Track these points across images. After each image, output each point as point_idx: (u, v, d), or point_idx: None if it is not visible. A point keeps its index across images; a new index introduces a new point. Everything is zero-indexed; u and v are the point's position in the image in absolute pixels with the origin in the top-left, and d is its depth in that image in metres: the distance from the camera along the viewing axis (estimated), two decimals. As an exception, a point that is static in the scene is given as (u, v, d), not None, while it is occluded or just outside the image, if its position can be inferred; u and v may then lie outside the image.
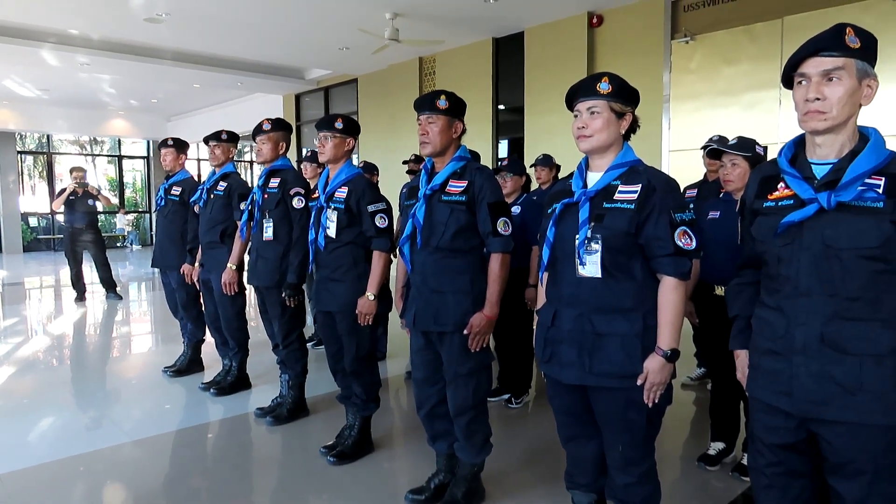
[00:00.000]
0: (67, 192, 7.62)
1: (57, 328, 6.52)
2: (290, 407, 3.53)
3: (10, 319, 7.13)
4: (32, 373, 4.74)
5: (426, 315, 2.36)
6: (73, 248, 7.77)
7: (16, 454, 3.15)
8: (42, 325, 6.75)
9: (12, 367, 4.84)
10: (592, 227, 1.79)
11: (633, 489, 1.90)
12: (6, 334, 6.16)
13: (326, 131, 2.92)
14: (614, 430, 1.86)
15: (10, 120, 14.29)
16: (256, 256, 3.46)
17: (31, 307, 8.02)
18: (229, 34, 8.33)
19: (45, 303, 8.39)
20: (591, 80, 1.83)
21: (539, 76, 7.94)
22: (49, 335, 6.18)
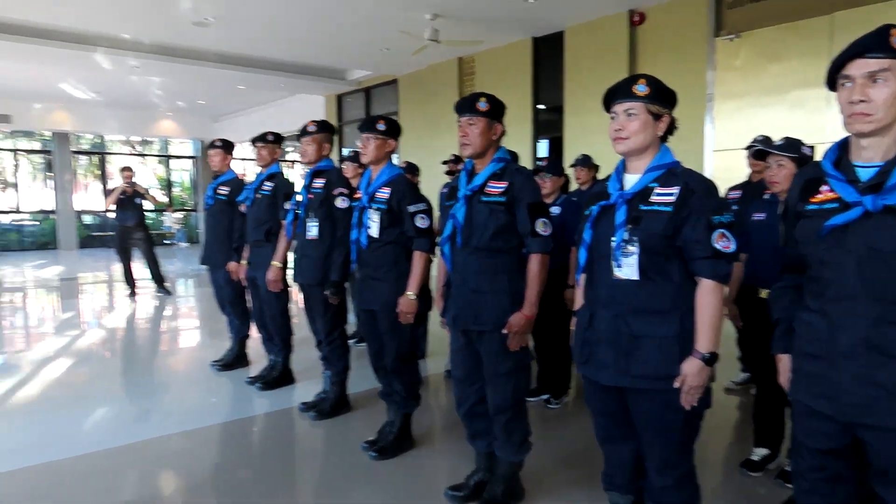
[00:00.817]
0: (118, 192, 7.89)
1: (109, 322, 6.78)
2: (333, 402, 3.62)
3: (66, 313, 7.45)
4: (86, 365, 4.96)
5: (466, 314, 2.40)
6: (123, 246, 8.02)
7: (71, 442, 3.31)
8: (95, 319, 7.03)
9: (68, 359, 5.07)
10: (629, 230, 1.79)
11: (671, 492, 1.90)
12: (62, 328, 6.44)
13: (369, 133, 2.98)
14: (651, 433, 1.87)
15: (66, 121, 14.90)
16: (301, 255, 3.55)
17: (84, 302, 8.36)
18: (273, 37, 8.52)
19: (97, 298, 8.73)
20: (628, 82, 1.83)
21: (579, 75, 7.89)
22: (102, 329, 6.45)
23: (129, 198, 7.88)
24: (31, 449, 3.20)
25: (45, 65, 10.00)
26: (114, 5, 7.02)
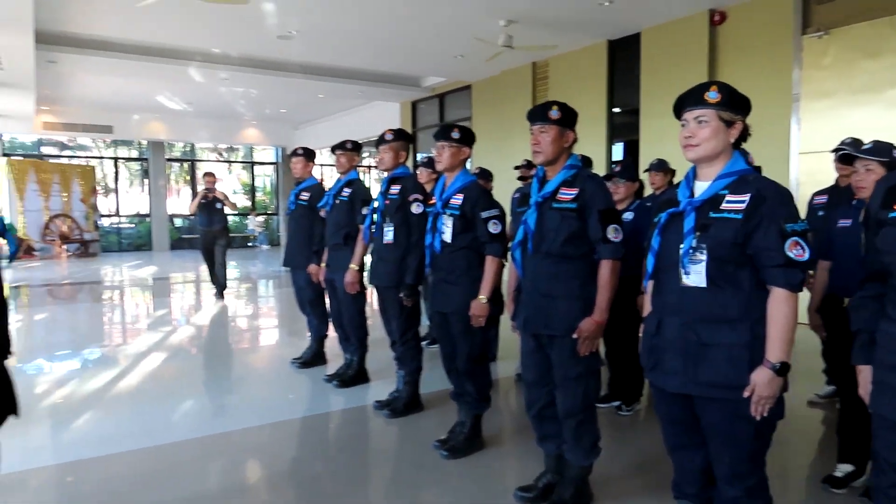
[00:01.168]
0: (199, 197, 8.22)
1: (197, 320, 7.22)
2: (406, 401, 3.73)
3: (158, 311, 7.99)
4: (177, 360, 5.31)
5: (536, 318, 2.44)
6: (206, 249, 8.32)
7: (164, 430, 3.58)
8: (184, 316, 7.49)
9: (160, 353, 5.44)
10: (698, 237, 1.79)
11: (741, 503, 1.88)
12: (155, 324, 6.91)
13: (444, 141, 3.08)
14: (720, 442, 1.85)
15: (161, 131, 15.93)
16: (377, 258, 3.69)
17: (174, 300, 8.91)
18: (352, 47, 8.82)
19: (187, 297, 9.29)
20: (699, 89, 1.83)
21: (656, 78, 7.74)
22: (191, 326, 6.87)
23: (210, 202, 8.15)
24: (130, 435, 3.48)
25: (144, 79, 10.77)
26: (206, 23, 7.48)
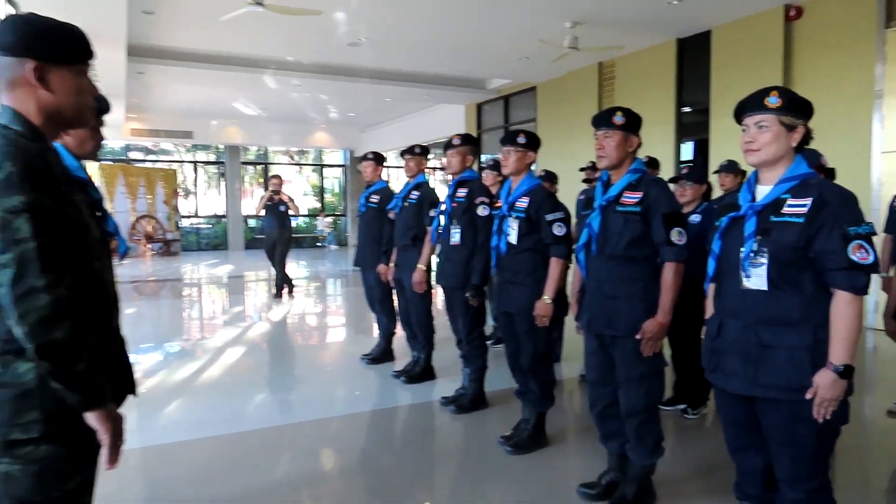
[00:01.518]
0: (265, 199, 8.45)
1: (270, 316, 7.56)
2: (471, 398, 3.84)
3: (234, 307, 8.41)
4: (252, 354, 5.61)
5: (600, 319, 2.50)
6: (270, 249, 8.47)
7: (242, 419, 3.83)
8: (258, 313, 7.86)
9: (237, 347, 5.76)
10: (759, 241, 1.81)
11: (803, 506, 1.88)
12: (232, 320, 7.29)
13: (510, 146, 3.17)
14: (781, 444, 1.86)
15: (237, 136, 16.67)
16: (444, 259, 3.81)
17: (249, 297, 9.34)
18: (419, 52, 9.02)
19: (260, 294, 9.71)
20: (759, 95, 1.85)
21: (728, 76, 7.56)
22: (264, 322, 7.21)
23: (275, 205, 8.35)
24: (211, 423, 3.74)
25: (222, 87, 11.33)
26: (281, 33, 7.83)
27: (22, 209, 1.24)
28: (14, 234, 1.23)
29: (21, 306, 1.23)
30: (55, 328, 1.25)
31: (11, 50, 1.33)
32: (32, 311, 1.24)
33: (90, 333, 1.33)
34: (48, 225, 1.27)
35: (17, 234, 1.23)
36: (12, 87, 1.36)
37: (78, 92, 1.42)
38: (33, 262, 1.24)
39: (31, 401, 1.33)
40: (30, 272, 1.24)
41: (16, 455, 1.35)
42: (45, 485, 1.37)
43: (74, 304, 1.29)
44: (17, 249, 1.23)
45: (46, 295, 1.24)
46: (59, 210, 1.31)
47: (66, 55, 1.38)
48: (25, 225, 1.24)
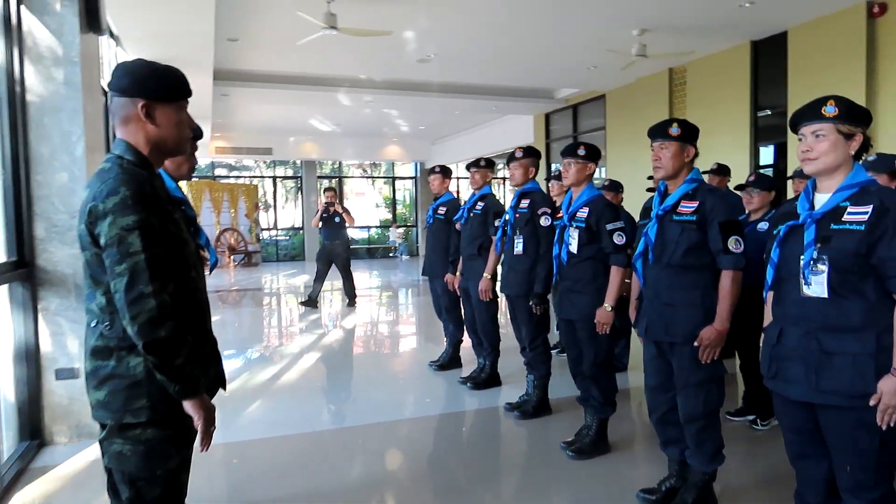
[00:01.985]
0: (321, 212, 8.71)
1: (344, 324, 7.87)
2: (535, 404, 3.92)
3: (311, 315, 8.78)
4: (326, 359, 5.89)
5: (657, 326, 2.54)
6: (325, 261, 8.66)
7: (311, 420, 4.06)
8: (333, 321, 8.18)
9: (313, 353, 6.05)
10: (819, 249, 1.82)
11: (866, 515, 1.86)
12: (308, 328, 7.64)
13: (570, 158, 3.25)
14: (843, 451, 1.85)
15: (313, 151, 17.37)
16: (508, 268, 3.92)
17: (323, 306, 9.72)
18: (487, 65, 9.17)
19: (334, 303, 10.09)
20: (816, 104, 1.86)
21: (806, 77, 7.29)
22: (338, 329, 7.52)
23: (330, 216, 8.59)
24: (289, 422, 3.99)
25: (299, 105, 11.89)
26: (354, 52, 8.18)
27: (134, 227, 1.47)
28: (128, 248, 1.46)
29: (133, 309, 1.46)
30: (160, 328, 1.47)
31: (125, 92, 1.58)
32: (142, 314, 1.46)
33: (188, 333, 1.54)
34: (155, 240, 1.50)
35: (130, 247, 1.46)
36: (125, 123, 1.60)
37: (178, 125, 1.65)
38: (143, 272, 1.46)
39: (140, 390, 1.55)
40: (140, 280, 1.46)
41: (127, 437, 1.58)
42: (150, 463, 1.59)
43: (176, 308, 1.51)
44: (130, 261, 1.46)
45: (153, 300, 1.46)
46: (164, 227, 1.54)
47: (169, 94, 1.61)
48: (137, 240, 1.47)
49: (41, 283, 3.49)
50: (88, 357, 1.59)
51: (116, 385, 1.55)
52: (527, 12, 6.83)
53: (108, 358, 1.56)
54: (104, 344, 1.56)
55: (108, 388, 1.55)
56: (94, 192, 1.50)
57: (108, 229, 1.47)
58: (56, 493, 3.01)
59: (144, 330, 1.47)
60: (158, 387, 1.55)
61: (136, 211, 1.48)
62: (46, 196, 3.48)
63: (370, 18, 6.72)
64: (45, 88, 3.44)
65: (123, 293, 1.46)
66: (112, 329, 1.55)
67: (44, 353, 3.52)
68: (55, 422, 3.55)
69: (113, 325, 1.55)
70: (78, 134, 3.48)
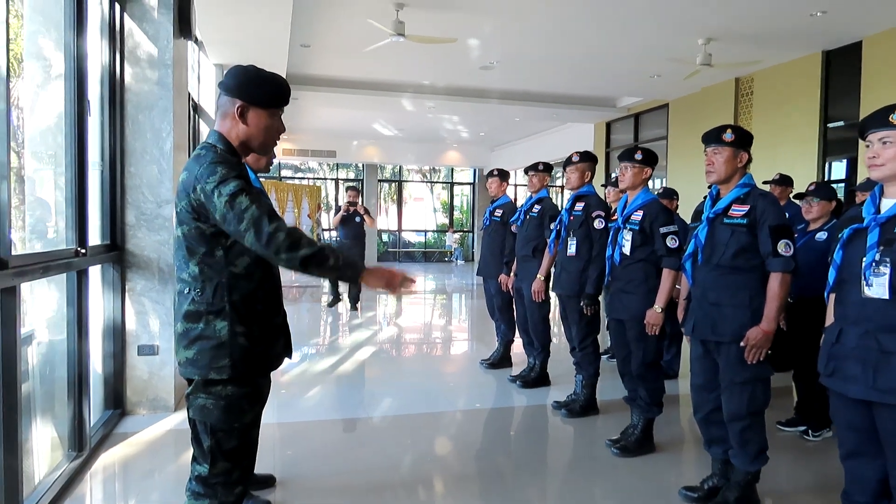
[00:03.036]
0: (343, 211, 8.64)
1: (400, 321, 8.10)
2: (583, 404, 4.00)
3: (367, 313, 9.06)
4: (380, 354, 6.13)
5: (704, 325, 2.60)
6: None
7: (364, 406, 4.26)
8: (386, 321, 8.41)
9: (367, 348, 6.28)
10: (881, 251, 1.87)
11: (916, 514, 1.89)
12: (365, 324, 7.90)
13: (627, 162, 3.34)
14: None
15: (375, 155, 17.81)
16: (561, 269, 4.02)
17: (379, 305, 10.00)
18: (548, 72, 9.26)
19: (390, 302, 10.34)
20: (885, 111, 1.91)
21: (880, 88, 7.06)
22: (393, 327, 7.75)
23: (350, 216, 8.56)
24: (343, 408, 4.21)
25: (364, 110, 12.27)
26: (419, 59, 8.43)
27: (238, 191, 1.69)
28: (241, 207, 1.67)
29: (271, 248, 1.66)
30: (300, 249, 1.68)
31: (229, 91, 1.81)
32: (281, 249, 1.66)
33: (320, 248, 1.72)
34: (257, 196, 1.72)
35: (242, 206, 1.67)
36: (224, 118, 1.83)
37: (266, 129, 1.87)
38: (261, 218, 1.67)
39: (224, 350, 1.77)
40: (263, 226, 1.66)
41: (210, 392, 1.80)
42: (229, 416, 1.80)
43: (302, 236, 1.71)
44: (247, 216, 1.67)
45: (281, 234, 1.67)
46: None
47: (264, 101, 1.83)
48: (245, 199, 1.68)
49: (129, 266, 3.82)
50: (180, 320, 1.81)
51: (204, 345, 1.77)
52: (589, 20, 6.91)
53: (198, 321, 1.78)
54: (195, 309, 1.78)
55: (197, 348, 1.77)
56: (194, 174, 1.73)
57: (218, 201, 1.68)
58: (135, 456, 3.30)
59: (291, 258, 1.67)
60: (240, 347, 1.76)
61: (235, 178, 1.70)
62: (137, 186, 3.81)
63: (436, 26, 6.94)
64: (140, 88, 3.78)
65: (257, 242, 1.66)
66: (203, 295, 1.77)
67: (128, 331, 3.85)
68: (135, 394, 3.88)
69: (203, 292, 1.77)
70: (167, 130, 3.81)
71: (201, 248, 1.76)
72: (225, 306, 1.76)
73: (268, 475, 2.88)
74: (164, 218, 3.84)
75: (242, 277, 1.79)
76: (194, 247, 1.77)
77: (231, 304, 1.77)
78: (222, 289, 1.77)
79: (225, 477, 1.82)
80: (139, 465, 3.20)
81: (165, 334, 3.88)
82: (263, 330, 1.84)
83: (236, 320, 1.77)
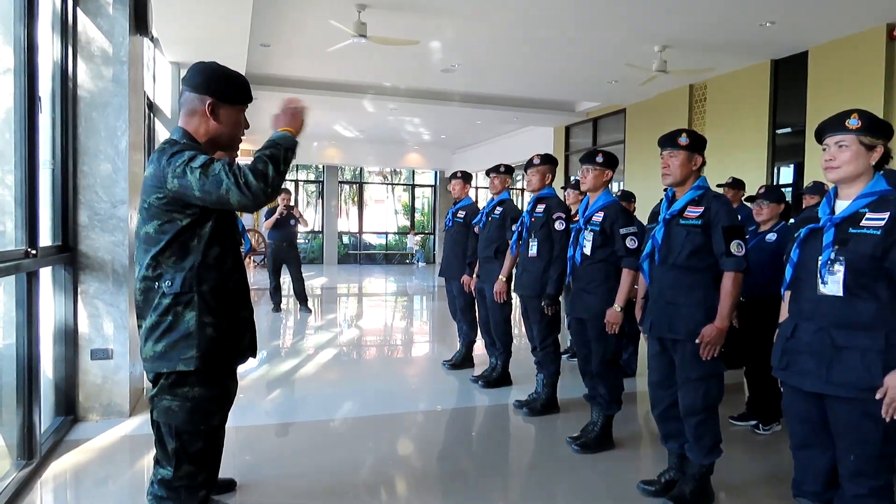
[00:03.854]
0: (276, 214, 8.42)
1: (361, 324, 8.05)
2: (544, 402, 4.05)
3: (328, 315, 8.98)
4: (341, 357, 6.08)
5: (661, 323, 2.68)
6: (275, 264, 8.44)
7: (324, 409, 4.23)
8: (350, 322, 8.37)
9: (328, 350, 6.24)
10: (836, 250, 1.96)
11: (864, 501, 1.98)
12: (325, 326, 7.83)
13: (588, 164, 3.41)
14: (847, 440, 1.97)
15: (336, 156, 17.67)
16: (522, 270, 4.08)
17: (340, 307, 9.93)
18: (509, 76, 9.37)
19: (351, 305, 10.29)
20: (841, 116, 2.01)
21: (825, 97, 7.38)
22: (355, 329, 7.70)
23: (285, 219, 8.41)
24: (303, 410, 4.17)
25: (325, 110, 12.16)
26: (380, 61, 8.42)
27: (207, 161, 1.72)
28: (215, 172, 1.69)
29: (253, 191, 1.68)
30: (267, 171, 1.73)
31: (196, 88, 1.79)
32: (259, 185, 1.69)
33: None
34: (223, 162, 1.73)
35: (215, 171, 1.69)
36: (191, 115, 1.82)
37: (236, 125, 1.87)
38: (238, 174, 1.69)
39: (191, 341, 1.76)
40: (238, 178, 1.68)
41: (176, 394, 1.77)
42: (196, 418, 1.78)
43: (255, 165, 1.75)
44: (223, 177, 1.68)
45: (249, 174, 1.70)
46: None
47: (234, 97, 1.83)
48: (217, 165, 1.70)
49: (82, 268, 3.71)
50: (150, 314, 1.79)
51: (172, 337, 1.76)
52: (549, 26, 7.02)
53: (167, 314, 1.76)
54: (166, 301, 1.77)
55: (166, 340, 1.76)
56: (161, 165, 1.71)
57: (192, 176, 1.69)
58: (88, 463, 3.20)
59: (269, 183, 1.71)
60: (207, 338, 1.76)
61: (201, 153, 1.73)
62: (91, 186, 3.71)
63: (399, 28, 6.95)
64: (94, 85, 3.68)
65: (242, 195, 1.68)
66: (172, 287, 1.76)
67: (81, 334, 3.73)
68: (88, 399, 3.76)
69: (173, 283, 1.75)
70: (122, 129, 3.72)
71: (174, 240, 1.76)
72: (194, 296, 1.77)
73: (228, 479, 2.83)
74: (119, 218, 3.74)
75: (212, 268, 1.80)
76: (166, 240, 1.76)
77: (200, 294, 1.77)
78: (191, 279, 1.77)
79: (189, 480, 1.80)
80: (92, 473, 3.11)
81: (120, 338, 3.78)
82: (231, 322, 1.84)
83: (205, 311, 1.77)
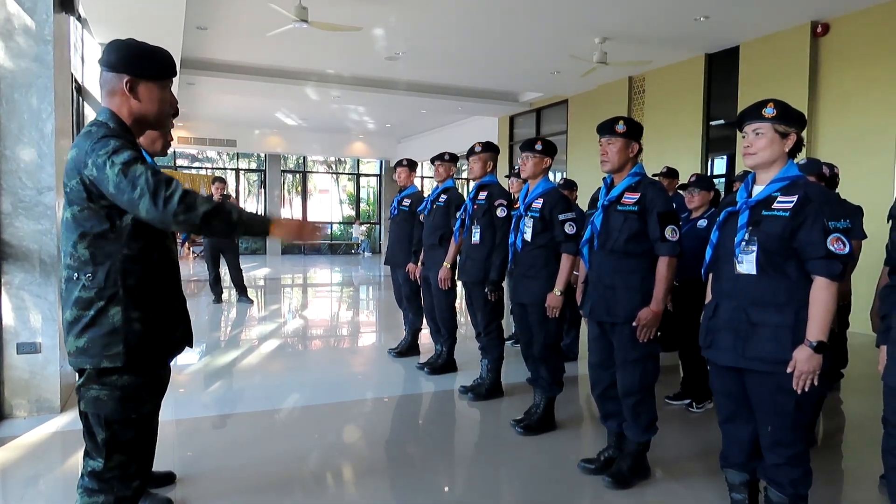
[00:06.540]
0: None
1: (306, 314, 7.95)
2: (488, 387, 4.11)
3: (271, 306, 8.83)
4: (285, 347, 6.00)
5: (600, 307, 2.76)
6: (213, 254, 8.30)
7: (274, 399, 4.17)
8: (294, 312, 8.26)
9: (272, 340, 6.14)
10: (750, 231, 2.08)
11: (782, 469, 2.11)
12: (269, 317, 7.70)
13: (528, 152, 3.46)
14: (764, 412, 2.10)
15: (278, 145, 17.32)
16: (465, 257, 4.11)
17: (284, 298, 9.78)
18: (453, 66, 9.38)
19: (295, 295, 10.14)
20: (758, 106, 2.12)
21: (755, 90, 7.69)
22: (299, 319, 7.61)
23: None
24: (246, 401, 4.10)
25: (266, 97, 11.90)
26: (323, 47, 8.29)
27: (132, 160, 1.62)
28: (136, 174, 1.60)
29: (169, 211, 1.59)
30: (198, 207, 1.62)
31: (112, 67, 1.71)
32: (178, 211, 1.59)
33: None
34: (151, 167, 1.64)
35: (136, 172, 1.60)
36: (111, 95, 1.74)
37: (160, 102, 1.79)
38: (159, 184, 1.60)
39: (117, 336, 1.69)
40: (159, 189, 1.59)
41: (104, 383, 1.71)
42: (125, 406, 1.72)
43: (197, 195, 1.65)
44: (141, 182, 1.59)
45: (176, 195, 1.60)
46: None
47: (153, 73, 1.75)
48: (140, 166, 1.61)
49: (5, 258, 3.53)
50: (70, 307, 1.71)
51: (95, 332, 1.68)
52: (493, 16, 7.06)
53: (89, 308, 1.68)
54: (86, 295, 1.68)
55: (89, 336, 1.68)
56: (84, 149, 1.63)
57: (111, 171, 1.60)
58: (16, 461, 3.06)
59: (189, 217, 1.60)
60: (135, 333, 1.68)
61: (129, 149, 1.64)
62: (14, 171, 3.52)
63: (341, 14, 6.85)
64: (15, 65, 3.48)
65: (153, 208, 1.59)
66: (94, 280, 1.68)
67: (6, 327, 3.55)
68: (15, 395, 3.59)
69: (95, 276, 1.68)
70: (48, 112, 3.54)
71: (93, 229, 1.66)
72: (118, 291, 1.68)
73: (167, 472, 2.76)
74: (46, 206, 3.57)
75: (138, 260, 1.71)
76: (86, 228, 1.67)
77: (125, 288, 1.69)
78: (115, 273, 1.68)
79: (121, 470, 1.74)
80: (21, 471, 2.97)
81: (49, 331, 3.61)
82: (161, 315, 1.77)
83: (131, 305, 1.69)
